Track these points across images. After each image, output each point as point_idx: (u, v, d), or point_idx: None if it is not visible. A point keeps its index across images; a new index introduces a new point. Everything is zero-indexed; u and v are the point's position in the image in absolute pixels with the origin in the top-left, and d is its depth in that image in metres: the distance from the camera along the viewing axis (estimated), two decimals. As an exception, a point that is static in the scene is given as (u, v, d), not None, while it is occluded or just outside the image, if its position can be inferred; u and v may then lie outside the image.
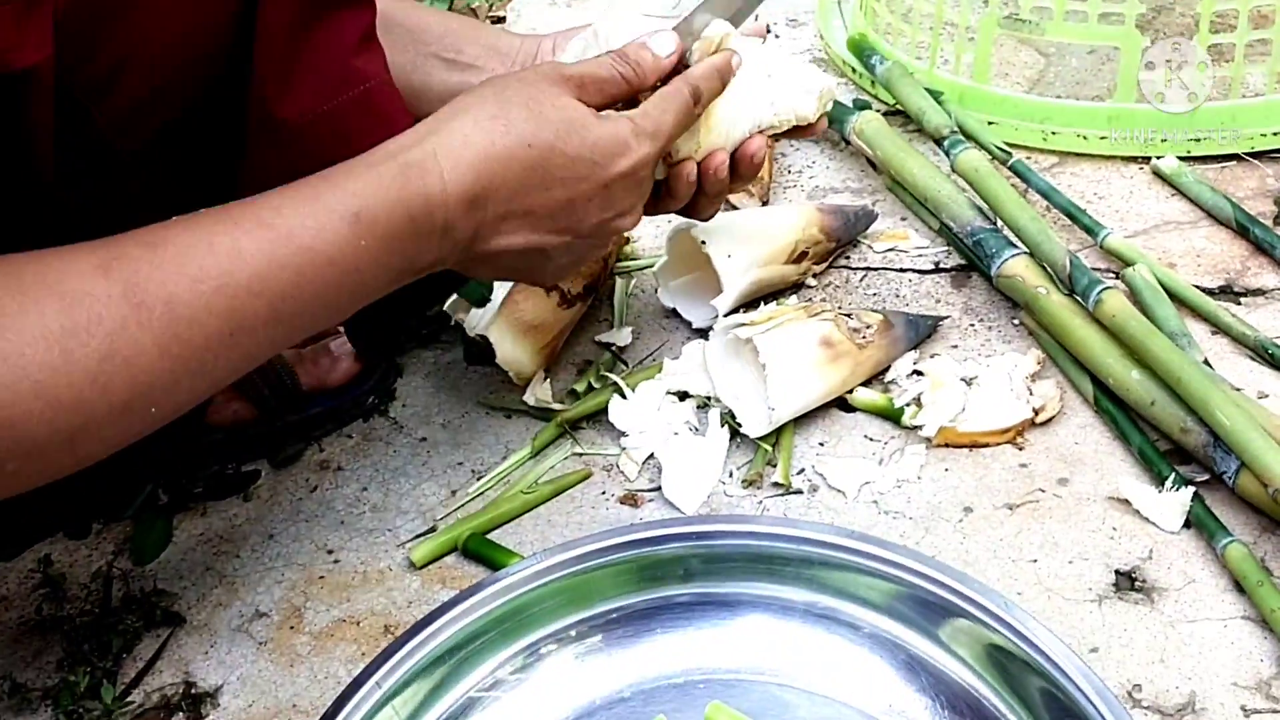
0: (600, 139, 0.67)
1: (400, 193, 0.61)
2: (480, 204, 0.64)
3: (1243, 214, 0.94)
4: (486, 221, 0.65)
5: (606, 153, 0.68)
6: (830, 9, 1.32)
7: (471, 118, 0.65)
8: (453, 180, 0.63)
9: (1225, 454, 0.71)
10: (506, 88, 0.67)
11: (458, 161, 0.63)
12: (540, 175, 0.65)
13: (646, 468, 0.82)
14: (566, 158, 0.66)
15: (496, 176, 0.64)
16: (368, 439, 0.88)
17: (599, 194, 0.68)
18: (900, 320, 0.87)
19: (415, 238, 0.62)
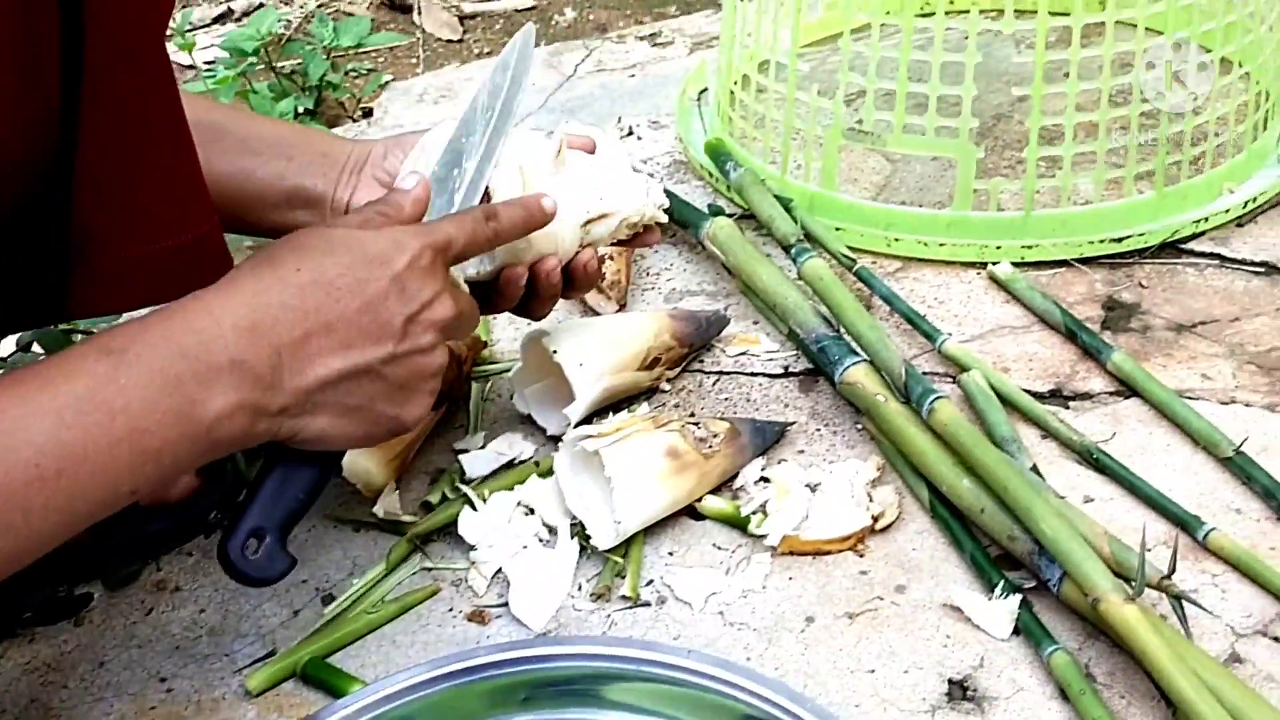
0: (370, 243, 0.67)
1: (164, 329, 0.59)
2: (264, 332, 0.62)
3: (1072, 319, 0.99)
4: (286, 350, 0.62)
5: (382, 252, 0.67)
6: (690, 113, 1.36)
7: (235, 272, 0.65)
8: (224, 313, 0.61)
9: (1049, 562, 0.74)
10: (268, 246, 0.67)
11: (226, 297, 0.62)
12: (322, 292, 0.64)
13: (496, 582, 0.82)
14: (342, 266, 0.65)
15: (273, 303, 0.62)
16: (208, 556, 0.86)
17: (391, 289, 0.66)
18: (747, 428, 0.89)
19: (194, 375, 0.59)
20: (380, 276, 0.66)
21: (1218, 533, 0.78)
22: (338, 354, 0.64)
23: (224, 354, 0.60)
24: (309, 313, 0.63)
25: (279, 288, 0.63)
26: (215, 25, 2.04)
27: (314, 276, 0.64)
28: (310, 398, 0.64)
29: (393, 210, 0.71)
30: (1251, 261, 1.07)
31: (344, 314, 0.64)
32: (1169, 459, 0.87)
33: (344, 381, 0.65)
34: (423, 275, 0.68)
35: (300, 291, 0.63)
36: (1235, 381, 0.94)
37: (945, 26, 1.05)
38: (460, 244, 0.71)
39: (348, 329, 0.64)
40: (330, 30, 1.46)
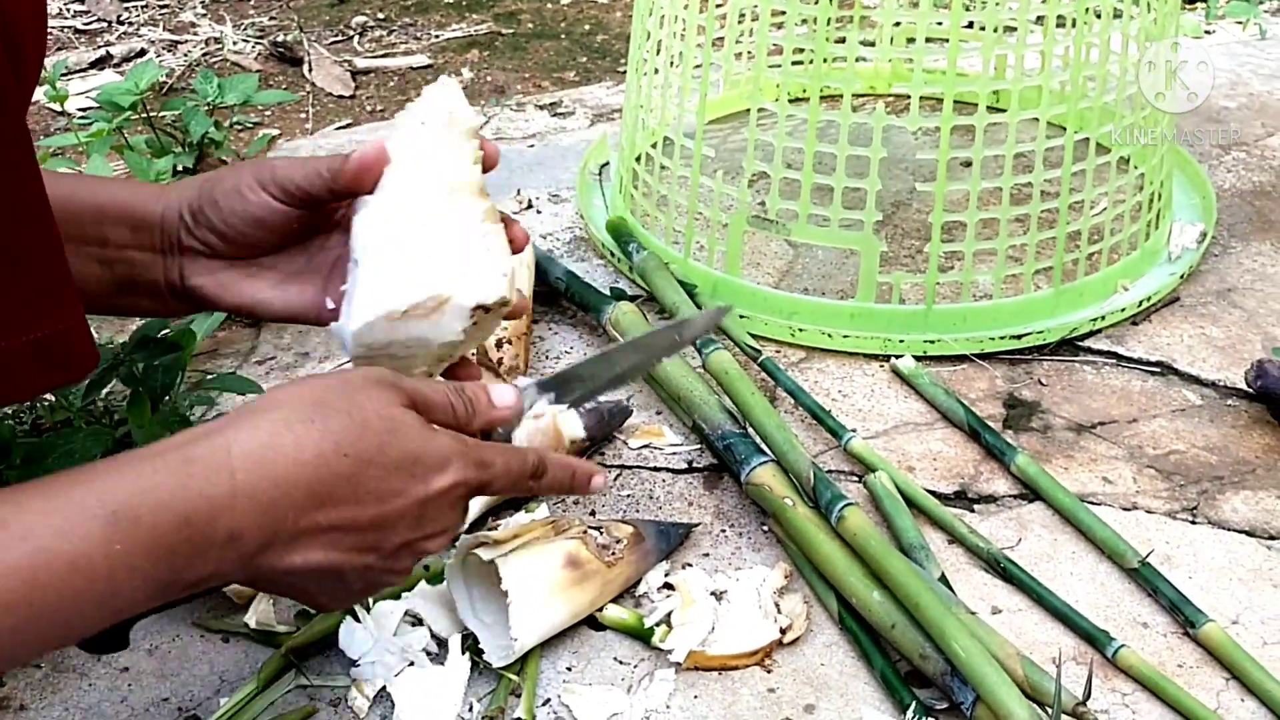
0: (425, 451, 0.60)
1: (176, 491, 0.53)
2: (276, 513, 0.56)
3: (974, 418, 0.99)
4: (283, 535, 0.56)
5: (427, 466, 0.60)
6: (591, 188, 1.33)
7: (281, 416, 0.57)
8: (244, 482, 0.54)
9: (962, 684, 0.72)
10: (327, 389, 0.59)
11: (255, 462, 0.55)
12: (351, 489, 0.57)
13: (380, 702, 0.76)
14: (384, 470, 0.58)
15: (301, 484, 0.56)
16: (59, 670, 0.78)
17: (412, 512, 0.60)
18: (651, 531, 0.85)
19: (189, 545, 0.53)
20: (411, 493, 0.60)
21: (1127, 650, 0.77)
22: (324, 550, 0.58)
23: (226, 527, 0.54)
24: (325, 506, 0.57)
25: (315, 469, 0.56)
26: (92, 70, 1.94)
27: (355, 471, 0.57)
28: (275, 576, 0.58)
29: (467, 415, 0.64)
30: (1147, 361, 1.08)
31: (356, 518, 0.58)
32: (1075, 567, 0.86)
33: (312, 574, 0.59)
34: (447, 509, 0.62)
35: (334, 481, 0.57)
36: (1136, 486, 0.94)
37: (850, 121, 1.04)
38: (496, 489, 0.65)
39: (349, 532, 0.58)
40: (215, 87, 1.39)
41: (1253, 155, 1.45)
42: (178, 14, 2.13)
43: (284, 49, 1.97)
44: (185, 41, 2.02)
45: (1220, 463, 0.96)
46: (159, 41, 2.02)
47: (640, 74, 1.21)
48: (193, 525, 0.53)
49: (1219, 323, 1.13)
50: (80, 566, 0.50)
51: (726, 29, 1.28)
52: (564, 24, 2.10)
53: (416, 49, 2.01)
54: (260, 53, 1.98)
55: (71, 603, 0.50)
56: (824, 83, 1.09)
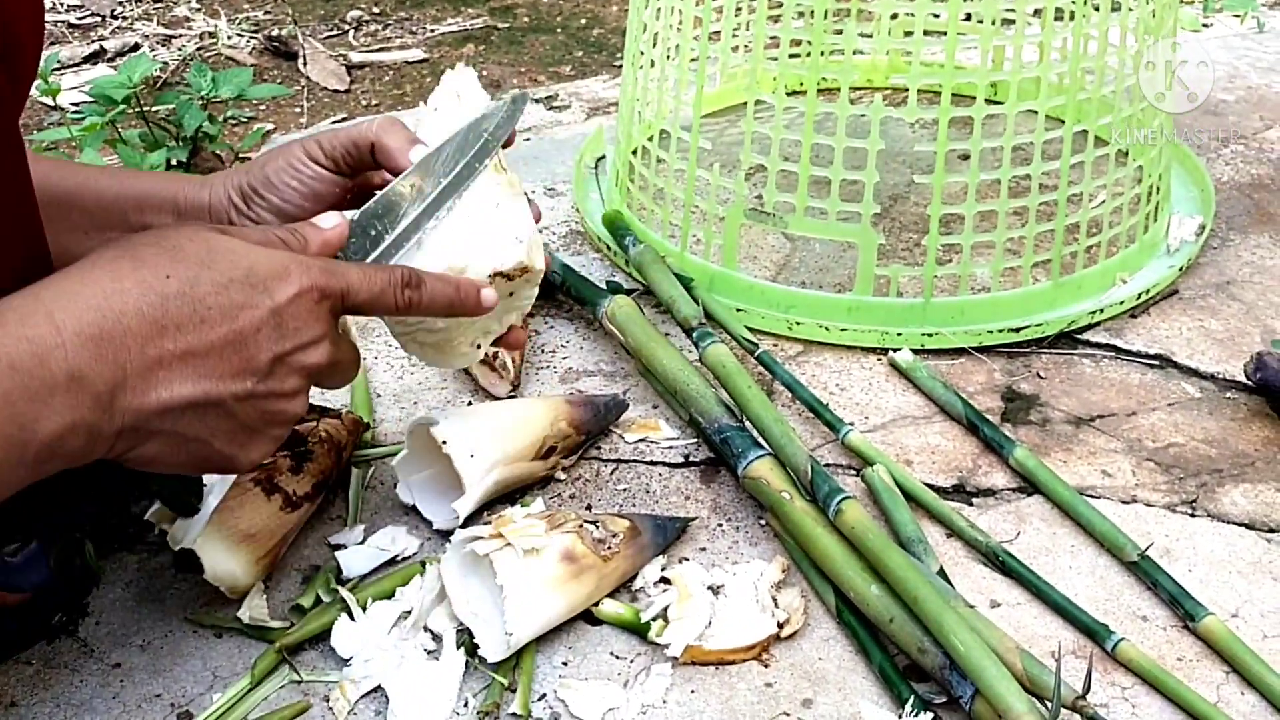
0: (257, 262, 0.58)
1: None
2: (113, 343, 0.53)
3: (973, 411, 0.98)
4: (134, 369, 0.54)
5: (265, 275, 0.58)
6: (587, 182, 1.32)
7: (89, 262, 0.55)
8: (67, 319, 0.52)
9: (961, 678, 0.71)
10: (133, 237, 0.58)
11: (72, 299, 0.53)
12: (189, 307, 0.55)
13: (375, 697, 0.75)
14: (216, 284, 0.56)
15: (129, 311, 0.54)
16: (50, 666, 0.77)
17: (268, 323, 0.58)
18: (648, 525, 0.85)
19: (25, 392, 0.51)
20: (258, 304, 0.58)
21: (1126, 643, 0.77)
22: (189, 381, 0.56)
23: (62, 367, 0.52)
24: (167, 329, 0.55)
25: (139, 292, 0.54)
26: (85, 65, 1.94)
27: (183, 288, 0.55)
28: (149, 423, 0.56)
29: (296, 242, 0.64)
30: (1146, 354, 1.07)
31: (207, 338, 0.56)
32: (1074, 561, 0.85)
33: (188, 411, 0.57)
34: (305, 314, 0.60)
35: (163, 302, 0.55)
36: (1135, 479, 0.93)
37: (848, 113, 1.04)
38: (360, 297, 0.63)
39: (207, 356, 0.56)
40: (209, 81, 1.38)
41: (1251, 148, 1.45)
42: (172, 8, 2.12)
43: (279, 43, 1.96)
44: (179, 36, 2.01)
45: (1219, 455, 0.96)
46: (153, 36, 2.01)
47: (636, 67, 1.20)
48: (20, 369, 0.51)
49: (1218, 315, 1.13)
50: None
51: (723, 21, 1.27)
52: (560, 18, 2.10)
53: (412, 43, 2.00)
54: (255, 47, 1.97)
55: None
56: (821, 75, 1.08)
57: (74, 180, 0.73)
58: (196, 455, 0.60)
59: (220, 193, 0.72)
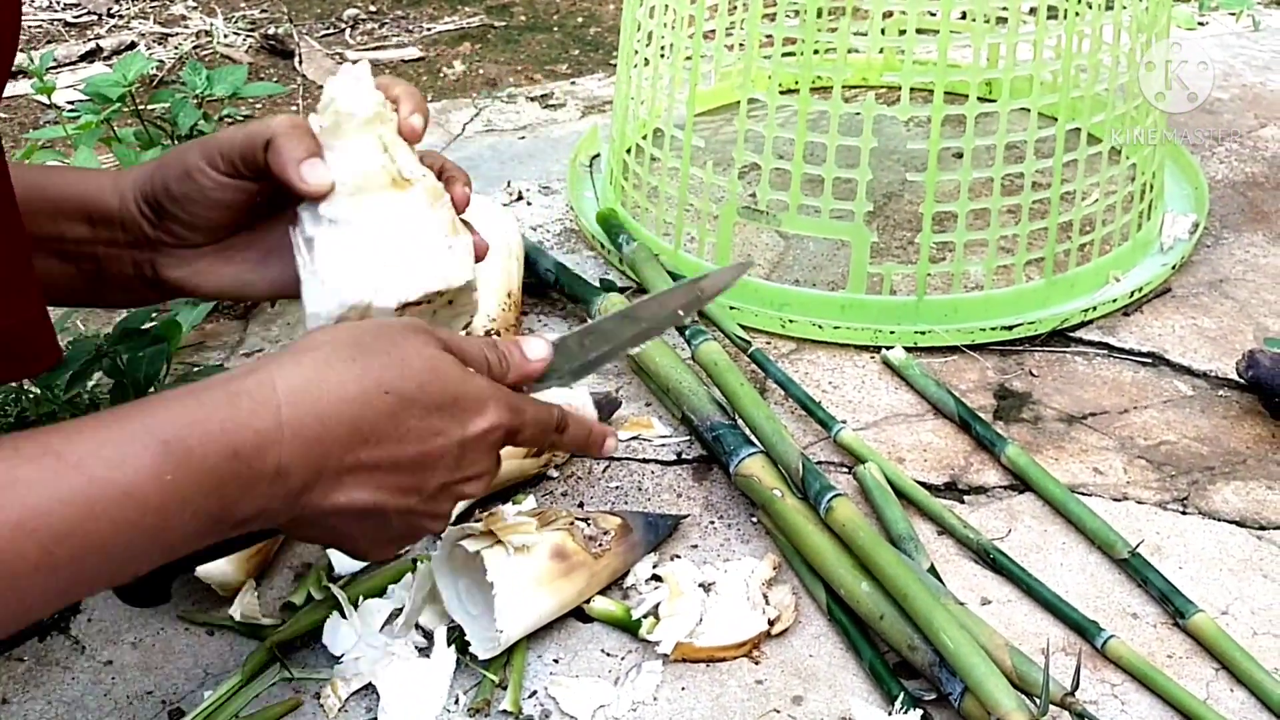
0: (463, 392, 0.60)
1: (225, 423, 0.53)
2: (321, 449, 0.55)
3: (965, 409, 0.98)
4: (328, 472, 0.56)
5: (466, 407, 0.60)
6: (581, 180, 1.32)
7: (322, 355, 0.57)
8: (290, 417, 0.54)
9: (950, 675, 0.71)
10: (364, 332, 0.59)
11: (300, 397, 0.55)
12: (393, 425, 0.57)
13: (365, 694, 0.75)
14: (424, 409, 0.58)
15: (345, 420, 0.56)
16: (42, 663, 0.77)
17: (452, 452, 0.60)
18: (639, 522, 0.85)
19: (237, 479, 0.53)
20: (452, 434, 0.60)
21: (1116, 640, 0.77)
22: (368, 489, 0.58)
23: (273, 462, 0.54)
24: (369, 442, 0.57)
25: (359, 405, 0.56)
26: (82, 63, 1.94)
27: (396, 408, 0.57)
28: (320, 518, 0.58)
29: (499, 369, 0.64)
30: (1138, 352, 1.08)
31: (398, 456, 0.58)
32: (1065, 558, 0.86)
33: (355, 514, 0.59)
34: (485, 451, 0.62)
35: (376, 419, 0.57)
36: (1126, 477, 0.93)
37: (841, 111, 1.04)
38: (525, 438, 0.65)
39: (391, 471, 0.58)
40: (204, 79, 1.38)
41: (1245, 146, 1.45)
42: (168, 6, 2.12)
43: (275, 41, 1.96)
44: (176, 34, 2.01)
45: (1211, 453, 0.96)
46: (149, 34, 2.01)
47: (631, 65, 1.20)
48: (241, 458, 0.53)
49: (1210, 313, 1.13)
50: (133, 496, 0.50)
51: (717, 20, 1.27)
52: (556, 16, 2.10)
53: (408, 42, 2.00)
54: (251, 45, 1.97)
55: (124, 534, 0.50)
56: (815, 73, 1.08)
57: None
58: (336, 542, 0.63)
59: (131, 206, 0.69)
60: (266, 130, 0.64)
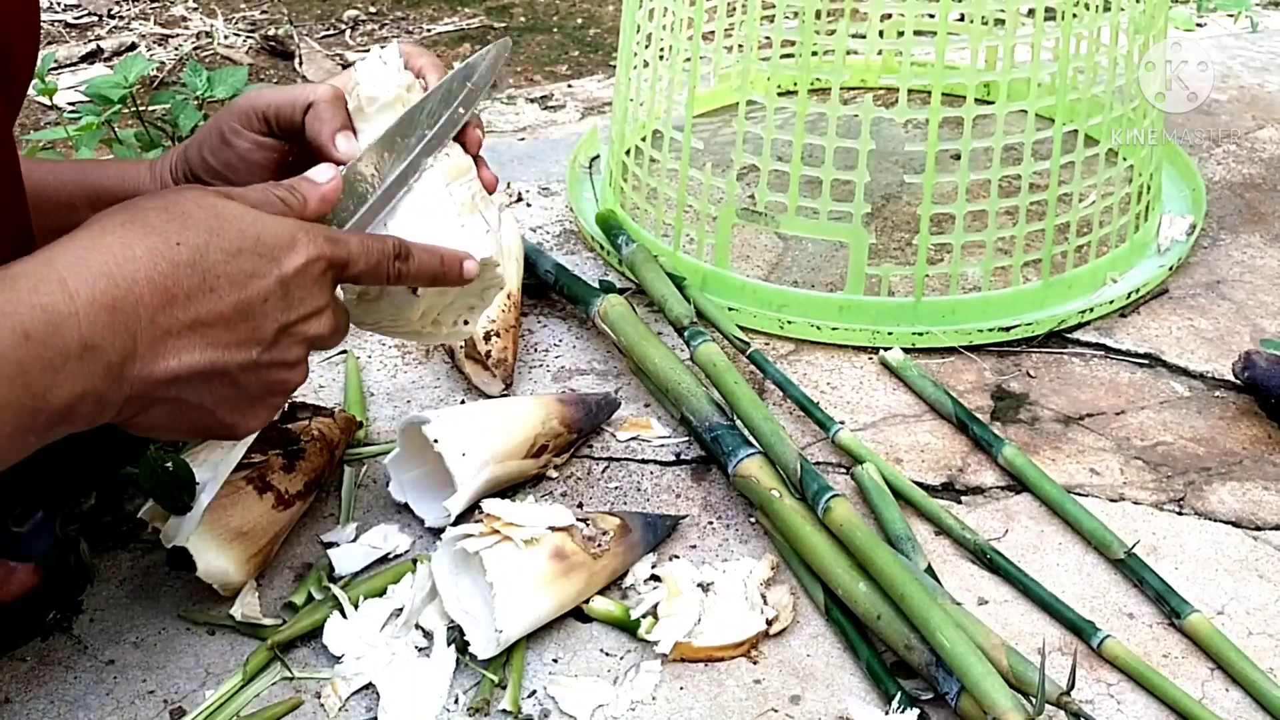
0: (265, 231, 0.58)
1: (6, 306, 0.50)
2: (126, 313, 0.53)
3: (963, 410, 0.99)
4: (144, 337, 0.54)
5: (274, 245, 0.58)
6: (581, 181, 1.33)
7: (99, 226, 0.55)
8: (80, 287, 0.52)
9: (947, 675, 0.72)
10: (139, 201, 0.58)
11: (84, 266, 0.53)
12: (199, 276, 0.55)
13: (366, 694, 0.76)
14: (225, 252, 0.56)
15: (140, 280, 0.54)
16: (44, 662, 0.78)
17: (275, 292, 0.58)
18: (638, 523, 0.85)
19: (40, 362, 0.51)
20: (266, 274, 0.58)
21: (1112, 640, 0.77)
22: (197, 349, 0.56)
23: (75, 336, 0.52)
24: (177, 298, 0.55)
25: (150, 261, 0.54)
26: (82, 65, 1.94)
27: (193, 257, 0.56)
28: (155, 390, 0.56)
29: (295, 201, 0.63)
30: (1135, 353, 1.08)
31: (216, 308, 0.56)
32: (1061, 559, 0.86)
33: (194, 380, 0.57)
34: (311, 284, 0.61)
35: (174, 270, 0.55)
36: (1123, 478, 0.94)
37: (839, 113, 1.04)
38: (358, 268, 0.64)
39: (215, 325, 0.57)
40: (204, 80, 1.39)
41: (1243, 148, 1.45)
42: (169, 8, 2.12)
43: (275, 43, 1.97)
44: (176, 35, 2.01)
45: (1207, 454, 0.96)
46: (150, 35, 2.01)
47: (630, 67, 1.21)
48: (34, 339, 0.51)
49: (1207, 315, 1.13)
50: None
51: (716, 22, 1.28)
52: (556, 18, 2.10)
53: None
54: (251, 46, 1.98)
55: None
56: (813, 75, 1.09)
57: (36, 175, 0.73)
58: (198, 423, 0.60)
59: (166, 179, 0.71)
60: (309, 94, 0.65)
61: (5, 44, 0.54)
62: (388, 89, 0.66)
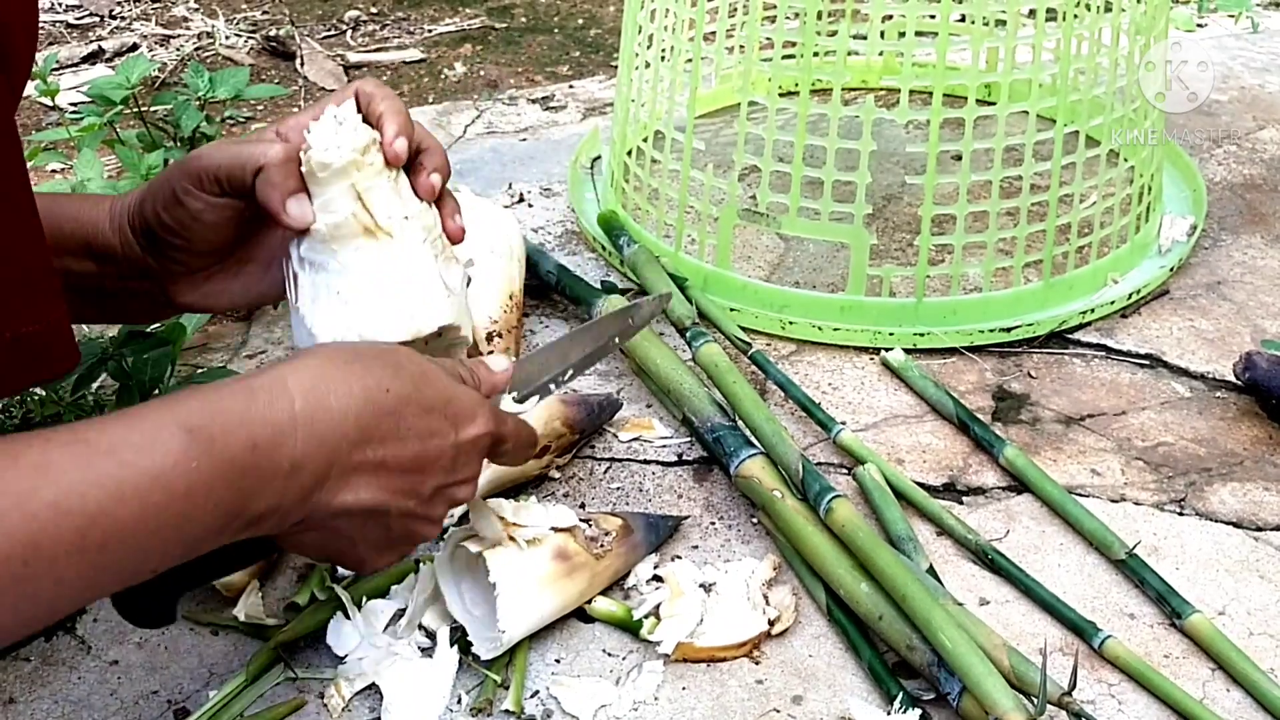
0: (454, 397, 0.63)
1: (244, 415, 0.55)
2: (332, 445, 0.57)
3: (964, 410, 0.99)
4: (337, 469, 0.58)
5: (458, 413, 0.63)
6: (582, 182, 1.33)
7: (325, 357, 0.60)
8: (303, 411, 0.56)
9: (949, 675, 0.72)
10: (357, 345, 0.63)
11: (310, 393, 0.57)
12: (395, 424, 0.60)
13: (369, 694, 0.76)
14: (421, 408, 0.61)
15: (352, 416, 0.58)
16: (48, 663, 0.78)
17: (447, 454, 0.63)
18: (640, 523, 0.85)
19: (256, 471, 0.55)
20: (447, 436, 0.62)
21: (1113, 640, 0.77)
22: (372, 488, 0.60)
23: (288, 457, 0.55)
24: (373, 439, 0.59)
25: (362, 401, 0.58)
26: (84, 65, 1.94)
27: (397, 405, 0.60)
28: (326, 518, 0.59)
29: (472, 382, 0.67)
30: (1136, 354, 1.08)
31: (400, 456, 0.60)
32: (1062, 559, 0.86)
33: (359, 515, 0.60)
34: (475, 454, 0.65)
35: (377, 413, 0.59)
36: (1124, 478, 0.94)
37: (840, 114, 1.04)
38: (508, 446, 0.69)
39: (393, 471, 0.60)
40: (206, 81, 1.39)
41: (1243, 148, 1.46)
42: (170, 8, 2.12)
43: (276, 43, 1.97)
44: (178, 36, 2.02)
45: (1208, 455, 0.96)
46: (151, 36, 2.02)
47: (631, 68, 1.21)
48: (260, 450, 0.54)
49: (1208, 315, 1.13)
50: (160, 480, 0.51)
51: (717, 23, 1.28)
52: (557, 18, 2.10)
53: (409, 43, 2.01)
54: (253, 47, 1.98)
55: (151, 520, 0.51)
56: (814, 76, 1.09)
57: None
58: (340, 552, 0.64)
59: (130, 242, 0.70)
60: (259, 156, 0.64)
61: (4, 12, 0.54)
62: (341, 154, 0.64)
